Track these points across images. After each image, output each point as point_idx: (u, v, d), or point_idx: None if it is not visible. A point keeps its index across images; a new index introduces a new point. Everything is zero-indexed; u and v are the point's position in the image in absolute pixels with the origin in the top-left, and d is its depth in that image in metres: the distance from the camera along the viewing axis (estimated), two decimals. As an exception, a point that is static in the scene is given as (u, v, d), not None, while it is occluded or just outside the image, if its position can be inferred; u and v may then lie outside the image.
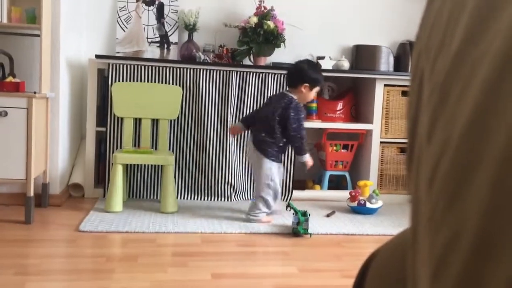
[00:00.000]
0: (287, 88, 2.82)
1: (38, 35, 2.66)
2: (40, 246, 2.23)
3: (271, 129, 2.68)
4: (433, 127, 0.27)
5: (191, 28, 3.39)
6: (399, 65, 3.56)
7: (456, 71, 0.26)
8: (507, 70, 0.22)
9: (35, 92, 2.55)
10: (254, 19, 3.31)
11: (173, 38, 3.48)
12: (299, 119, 2.67)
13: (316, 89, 2.78)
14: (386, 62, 3.49)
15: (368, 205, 3.03)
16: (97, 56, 3.11)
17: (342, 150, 3.48)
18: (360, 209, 3.04)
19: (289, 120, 2.65)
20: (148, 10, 3.46)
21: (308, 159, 2.73)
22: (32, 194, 2.55)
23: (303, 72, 2.72)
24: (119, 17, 3.43)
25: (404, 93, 3.43)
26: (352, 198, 3.08)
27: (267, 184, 2.72)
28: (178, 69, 3.16)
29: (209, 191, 3.24)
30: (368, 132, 3.44)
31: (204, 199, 3.23)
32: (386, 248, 0.44)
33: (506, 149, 0.21)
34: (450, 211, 0.23)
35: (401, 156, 3.46)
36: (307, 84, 2.71)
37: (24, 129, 2.52)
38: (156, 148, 3.18)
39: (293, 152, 2.97)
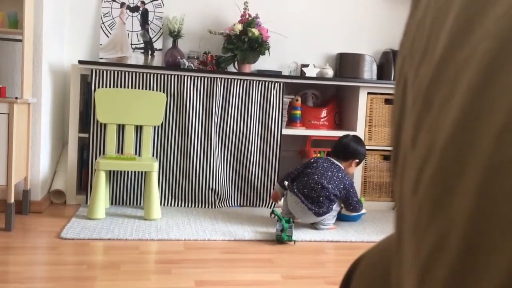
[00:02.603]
0: (334, 158, 2.96)
1: (20, 40, 2.64)
2: (21, 253, 2.20)
3: (331, 200, 2.79)
4: (417, 132, 0.27)
5: (175, 35, 3.39)
6: (382, 73, 3.59)
7: (440, 76, 0.26)
8: (492, 74, 0.22)
9: (16, 98, 2.52)
10: (239, 27, 3.31)
11: (158, 44, 3.48)
12: (355, 193, 2.91)
13: (357, 162, 3.01)
14: (369, 70, 3.52)
15: (343, 211, 3.02)
16: (80, 62, 3.09)
17: (326, 157, 3.49)
18: (338, 216, 3.05)
19: (350, 197, 2.86)
20: (132, 16, 3.45)
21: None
22: (12, 200, 2.51)
23: (355, 149, 2.96)
24: (103, 22, 3.41)
25: (387, 101, 3.46)
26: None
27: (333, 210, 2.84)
28: (162, 76, 3.15)
29: (193, 198, 3.23)
30: (352, 140, 3.46)
31: (188, 205, 3.22)
32: (371, 254, 0.44)
33: (492, 155, 0.21)
34: (436, 217, 0.23)
35: (384, 163, 3.49)
36: (357, 161, 2.98)
37: (5, 134, 2.49)
38: (139, 155, 3.16)
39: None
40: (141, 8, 3.46)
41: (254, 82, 3.26)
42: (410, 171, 0.27)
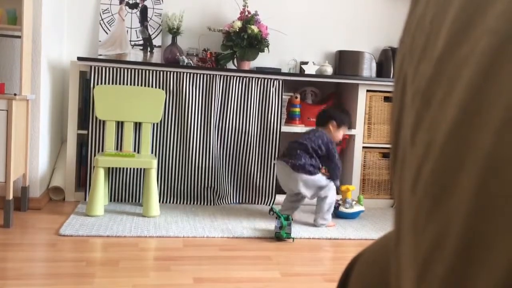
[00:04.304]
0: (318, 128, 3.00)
1: (19, 36, 2.63)
2: (20, 250, 2.20)
3: (310, 154, 2.80)
4: (416, 130, 0.27)
5: (174, 32, 3.38)
6: (382, 71, 3.59)
7: (440, 73, 0.26)
8: (492, 71, 0.22)
9: (15, 94, 2.52)
10: (238, 24, 3.31)
11: (157, 41, 3.47)
12: (336, 152, 2.89)
13: (343, 129, 2.97)
14: (368, 67, 3.52)
15: (341, 209, 3.03)
16: (79, 59, 3.08)
17: (325, 155, 3.49)
18: (335, 213, 3.06)
19: (331, 154, 2.85)
20: (132, 13, 3.44)
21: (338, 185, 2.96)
22: (11, 197, 2.51)
23: (330, 112, 3.00)
24: (102, 19, 3.41)
25: (386, 99, 3.46)
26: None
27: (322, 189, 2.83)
28: (161, 73, 3.15)
29: (192, 195, 3.23)
30: (351, 137, 3.46)
31: (186, 203, 3.22)
32: (369, 251, 0.44)
33: (491, 152, 0.21)
34: (434, 214, 0.23)
35: (383, 161, 3.49)
36: (334, 122, 2.94)
37: (4, 131, 2.49)
38: (138, 152, 3.15)
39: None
40: (140, 5, 3.45)
41: (253, 79, 3.26)
42: (409, 169, 0.27)
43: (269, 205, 3.30)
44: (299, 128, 3.40)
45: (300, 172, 2.75)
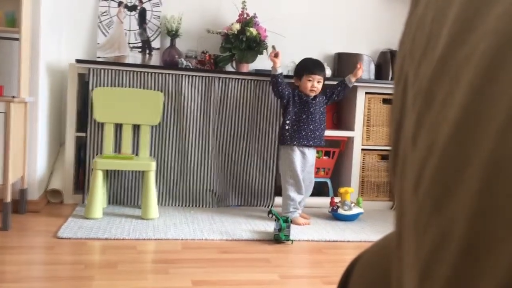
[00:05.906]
0: None
1: (18, 39, 2.63)
2: (18, 253, 2.19)
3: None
4: (418, 131, 0.27)
5: (173, 34, 3.38)
6: (380, 73, 3.59)
7: (441, 74, 0.26)
8: (493, 71, 0.22)
9: (13, 97, 2.51)
10: (237, 26, 3.31)
11: (155, 43, 3.47)
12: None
13: (304, 78, 3.00)
14: (367, 70, 3.52)
15: (340, 211, 3.03)
16: (78, 61, 3.08)
17: (324, 157, 3.49)
18: (334, 215, 3.07)
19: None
20: (130, 15, 3.44)
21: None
22: (9, 200, 2.50)
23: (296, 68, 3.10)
24: (101, 21, 3.41)
25: (385, 101, 3.46)
26: (331, 204, 3.12)
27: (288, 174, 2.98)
28: (160, 75, 3.15)
29: (191, 197, 3.22)
30: (350, 139, 3.47)
31: (185, 205, 3.21)
32: (369, 253, 0.44)
33: (493, 153, 0.21)
34: (437, 214, 0.23)
35: (382, 163, 3.49)
36: (296, 77, 3.04)
37: (2, 133, 2.48)
38: (137, 154, 3.15)
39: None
40: (138, 7, 3.45)
41: (252, 81, 3.26)
42: (410, 170, 0.27)
43: (268, 207, 3.29)
44: (297, 131, 3.39)
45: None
